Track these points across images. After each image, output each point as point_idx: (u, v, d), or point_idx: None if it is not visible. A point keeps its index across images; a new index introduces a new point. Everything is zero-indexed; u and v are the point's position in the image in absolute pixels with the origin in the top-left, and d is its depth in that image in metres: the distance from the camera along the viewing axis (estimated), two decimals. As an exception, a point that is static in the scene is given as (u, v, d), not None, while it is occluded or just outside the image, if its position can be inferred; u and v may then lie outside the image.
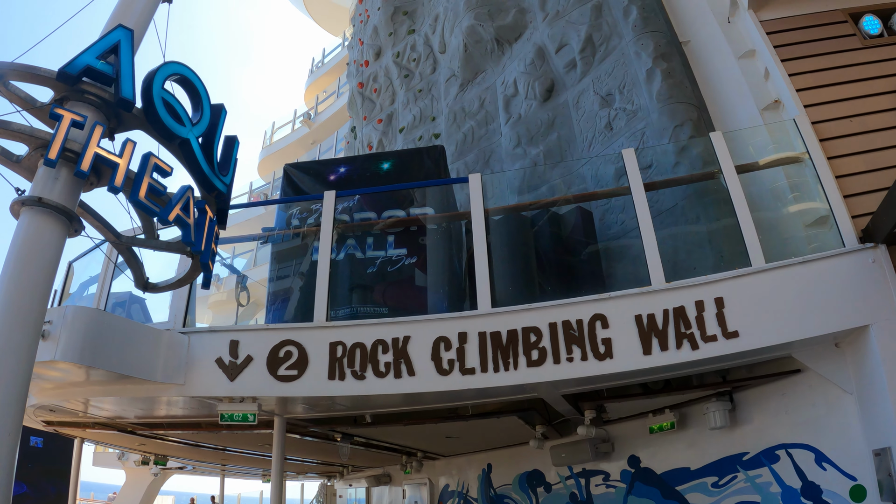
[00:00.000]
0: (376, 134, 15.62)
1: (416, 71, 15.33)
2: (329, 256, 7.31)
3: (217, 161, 5.87)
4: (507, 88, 11.62)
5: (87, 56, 5.10)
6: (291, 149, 29.74)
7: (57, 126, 4.63)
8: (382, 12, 17.06)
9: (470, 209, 7.43)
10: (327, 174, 10.02)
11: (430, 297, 7.63)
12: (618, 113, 9.12)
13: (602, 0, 10.23)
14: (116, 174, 4.74)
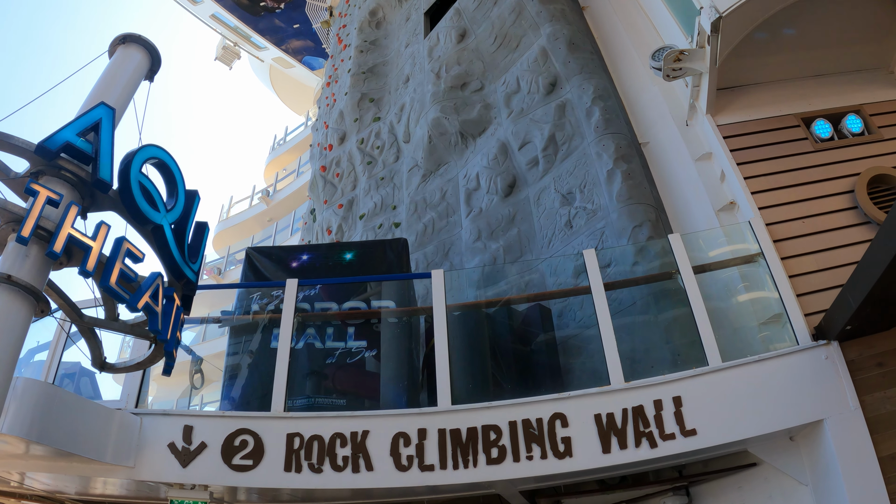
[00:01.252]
0: (336, 219, 15.80)
1: (380, 158, 15.67)
2: (289, 345, 7.36)
3: (188, 246, 5.96)
4: (470, 182, 11.94)
5: (67, 132, 5.22)
6: (248, 224, 29.92)
7: (32, 203, 4.69)
8: (349, 97, 17.51)
9: (429, 302, 7.60)
10: (289, 261, 10.12)
11: (388, 390, 7.69)
12: (578, 211, 9.45)
13: (566, 100, 10.70)
14: (89, 258, 4.80)
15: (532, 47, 11.83)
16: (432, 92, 13.63)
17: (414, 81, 15.27)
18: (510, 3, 12.64)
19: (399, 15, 18.60)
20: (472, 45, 13.54)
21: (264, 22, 27.92)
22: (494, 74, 12.81)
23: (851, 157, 7.93)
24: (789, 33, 8.50)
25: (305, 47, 28.62)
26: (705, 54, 8.19)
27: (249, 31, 28.20)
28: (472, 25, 13.79)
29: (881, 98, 8.50)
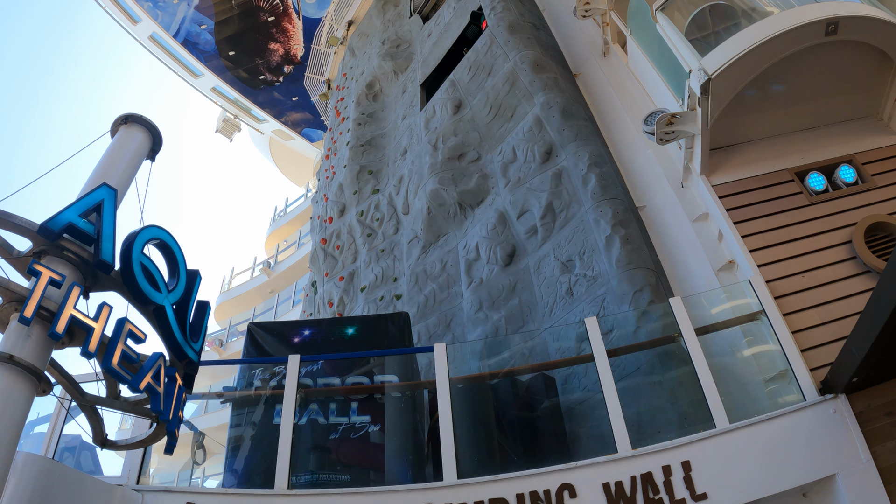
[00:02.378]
0: (337, 291, 15.93)
1: (380, 231, 15.88)
2: (292, 421, 7.42)
3: (189, 325, 6.07)
4: (469, 252, 12.11)
5: (70, 213, 5.39)
6: (249, 296, 30.18)
7: (34, 283, 4.83)
8: (348, 170, 17.84)
9: (432, 375, 7.67)
10: (291, 336, 10.24)
11: (393, 464, 7.70)
12: (578, 279, 9.58)
13: (562, 168, 10.95)
14: (91, 339, 4.91)
15: (527, 116, 12.15)
16: (430, 163, 13.93)
17: (412, 153, 15.60)
18: (504, 74, 13.01)
19: (396, 88, 19.09)
20: (468, 115, 13.89)
21: (264, 95, 28.62)
22: (491, 144, 13.11)
23: (847, 208, 8.13)
24: (778, 89, 8.79)
25: (304, 120, 29.26)
26: (697, 116, 8.46)
27: (249, 104, 28.88)
28: (467, 96, 14.17)
29: (872, 146, 8.76)
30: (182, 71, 27.87)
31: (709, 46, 8.53)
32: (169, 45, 26.49)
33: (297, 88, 27.82)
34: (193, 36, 26.08)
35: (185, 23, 25.71)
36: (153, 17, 25.27)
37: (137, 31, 26.12)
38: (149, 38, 26.34)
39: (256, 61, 27.32)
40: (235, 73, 27.70)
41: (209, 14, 25.53)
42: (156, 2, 24.95)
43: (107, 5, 25.53)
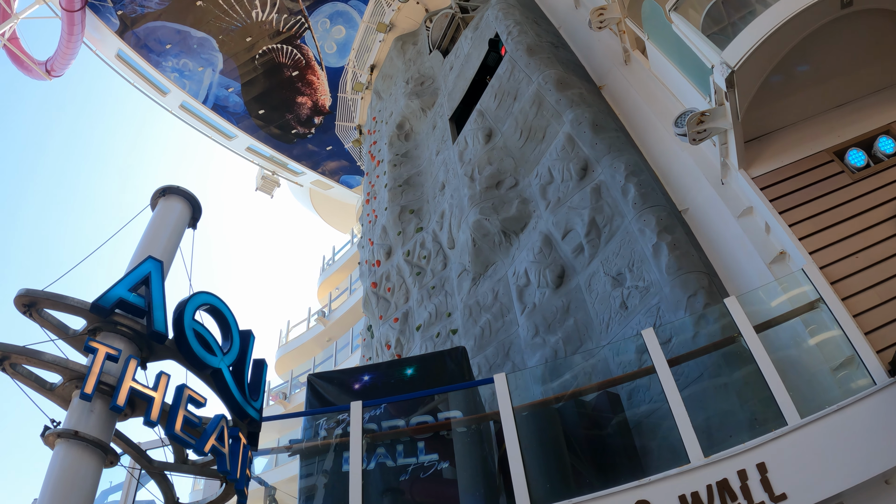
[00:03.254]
0: (393, 333, 16.13)
1: (428, 268, 16.06)
2: (360, 468, 7.59)
3: (248, 385, 6.27)
4: (519, 279, 12.21)
5: (120, 289, 5.67)
6: (308, 346, 30.64)
7: (92, 359, 5.10)
8: (389, 212, 18.13)
9: (496, 406, 7.76)
10: (352, 383, 10.44)
11: (466, 499, 7.79)
12: (630, 291, 9.60)
13: (599, 182, 11.01)
14: (152, 409, 5.15)
15: (558, 136, 12.27)
16: (469, 195, 14.12)
17: (450, 187, 15.81)
18: (529, 97, 13.17)
19: (425, 125, 19.38)
20: (500, 143, 14.07)
21: (298, 148, 29.26)
22: (526, 168, 13.24)
23: (891, 180, 8.06)
24: (804, 70, 8.77)
25: (341, 167, 29.78)
26: (726, 111, 8.48)
27: (285, 159, 29.54)
28: (496, 124, 14.35)
29: (909, 112, 8.63)
30: (216, 135, 28.72)
31: (727, 39, 8.55)
32: (200, 112, 27.33)
33: (330, 138, 28.37)
34: (222, 99, 26.86)
35: (213, 88, 26.52)
36: (181, 86, 26.13)
37: (168, 102, 27.04)
38: (179, 108, 27.23)
39: (286, 116, 27.97)
40: (268, 130, 28.39)
41: (234, 77, 26.29)
42: (181, 72, 25.78)
43: (135, 81, 26.51)
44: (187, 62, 25.54)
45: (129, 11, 23.65)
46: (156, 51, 24.97)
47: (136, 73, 25.76)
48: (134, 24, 24.01)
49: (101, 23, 23.39)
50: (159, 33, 24.45)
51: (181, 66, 25.62)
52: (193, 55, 25.42)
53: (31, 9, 24.53)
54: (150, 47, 24.76)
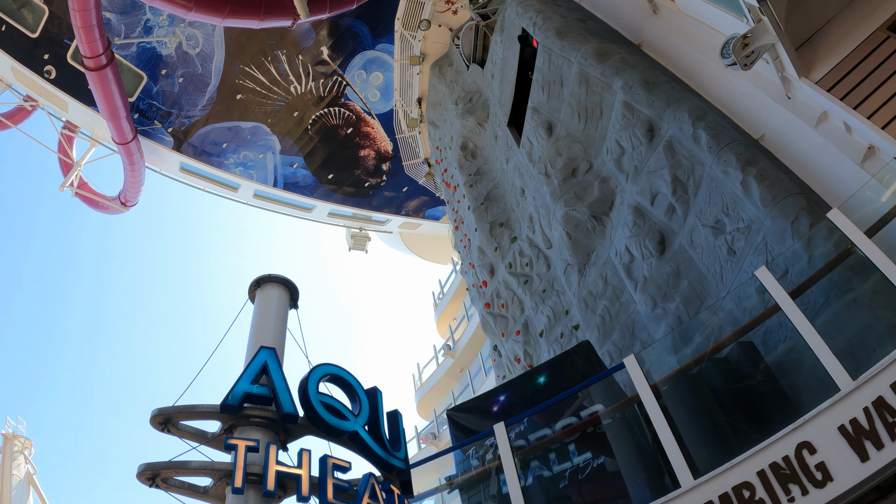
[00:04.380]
0: (519, 345, 16.29)
1: (533, 273, 16.18)
2: (518, 486, 7.75)
3: (387, 439, 6.58)
4: (622, 257, 12.19)
5: (243, 384, 6.10)
6: (443, 382, 31.16)
7: (234, 455, 5.51)
8: (480, 232, 18.38)
9: (635, 390, 7.79)
10: (490, 407, 10.66)
11: (632, 488, 7.82)
12: (733, 235, 9.48)
13: (669, 138, 10.93)
14: (301, 485, 5.50)
15: (614, 106, 12.25)
16: (549, 192, 14.22)
17: (529, 190, 15.93)
18: (575, 78, 13.22)
19: (487, 138, 19.58)
20: (562, 132, 14.13)
21: (376, 199, 29.91)
22: (595, 148, 13.25)
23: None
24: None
25: (422, 203, 30.25)
26: (766, 26, 8.35)
27: (367, 212, 30.23)
28: (552, 115, 14.43)
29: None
30: (295, 211, 29.71)
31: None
32: (274, 195, 28.34)
33: (402, 179, 28.90)
34: (290, 177, 27.79)
35: (278, 169, 27.49)
36: (248, 178, 27.20)
37: (241, 196, 28.20)
38: (254, 198, 28.32)
39: (355, 172, 28.67)
40: (342, 191, 29.15)
41: (294, 153, 27.18)
42: (245, 164, 26.84)
43: (205, 186, 27.80)
44: (247, 154, 26.59)
45: (178, 126, 24.86)
46: (214, 153, 26.11)
47: (203, 178, 27.00)
48: (187, 136, 25.22)
49: (156, 145, 24.67)
50: (212, 136, 25.59)
51: (243, 159, 26.68)
52: (250, 145, 26.46)
53: (90, 152, 26.13)
54: (208, 152, 25.92)
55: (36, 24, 21.16)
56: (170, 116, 24.51)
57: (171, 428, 6.05)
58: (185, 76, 24.00)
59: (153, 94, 23.88)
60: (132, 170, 24.09)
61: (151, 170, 26.13)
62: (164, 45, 22.94)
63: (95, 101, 21.15)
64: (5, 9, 20.83)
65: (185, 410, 6.03)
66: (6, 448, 34.00)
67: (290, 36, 24.37)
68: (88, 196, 27.08)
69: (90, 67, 19.42)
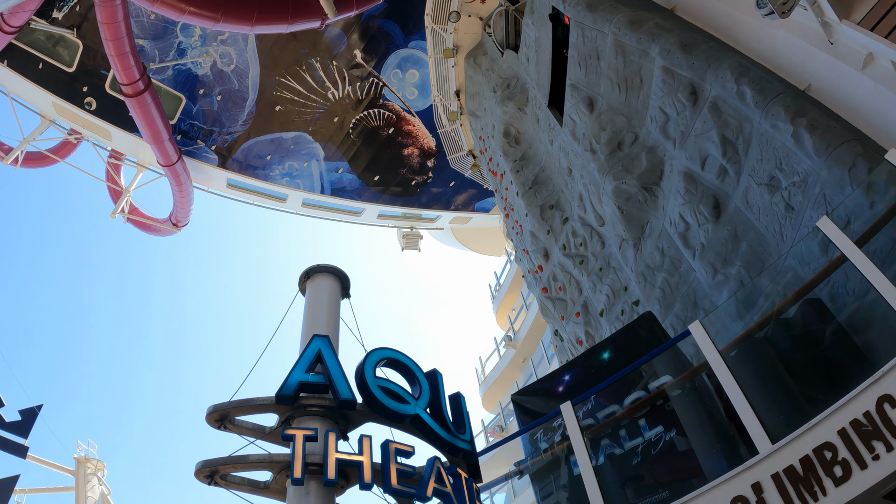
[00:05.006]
0: (580, 327, 16.08)
1: (588, 253, 15.96)
2: (590, 465, 7.58)
3: (451, 422, 6.47)
4: (677, 226, 11.92)
5: (297, 373, 6.04)
6: (507, 373, 31.01)
7: (292, 446, 5.42)
8: (531, 216, 18.21)
9: (702, 357, 7.57)
10: (554, 388, 10.51)
11: (706, 460, 7.62)
12: (789, 190, 9.18)
13: (714, 98, 10.64)
14: (363, 472, 5.42)
15: (654, 73, 12.00)
16: (597, 168, 14.01)
17: (576, 169, 15.73)
18: (610, 50, 12.99)
19: (528, 122, 19.40)
20: (603, 106, 13.90)
21: (424, 196, 29.91)
22: (639, 119, 13.00)
23: None
24: None
25: (471, 196, 30.15)
26: (797, -34, 8.03)
27: (416, 211, 30.28)
28: (592, 90, 14.20)
29: None
30: (345, 216, 29.91)
31: None
32: (322, 202, 28.57)
33: (449, 174, 28.86)
34: (336, 182, 27.98)
35: (324, 176, 27.70)
36: (295, 187, 27.50)
37: (290, 206, 28.51)
38: (303, 206, 28.61)
39: (401, 172, 28.72)
40: (390, 192, 29.24)
41: (338, 158, 27.34)
42: (290, 174, 27.10)
43: (254, 199, 28.18)
44: (292, 164, 26.84)
45: (221, 143, 25.23)
46: (259, 166, 26.42)
47: (251, 192, 27.37)
48: (230, 152, 25.57)
49: (201, 163, 25.09)
50: (256, 150, 25.90)
51: (288, 170, 26.94)
52: (294, 155, 26.70)
53: (138, 178, 26.65)
54: (253, 165, 26.24)
55: (72, 58, 21.65)
56: (212, 134, 24.87)
57: (228, 424, 6.05)
58: (223, 93, 24.32)
59: (193, 115, 24.25)
60: (180, 191, 24.51)
61: (199, 188, 26.54)
62: (198, 66, 23.27)
63: (137, 126, 21.56)
64: (41, 47, 21.35)
65: (240, 405, 6.01)
66: (80, 472, 34.92)
67: (323, 42, 24.50)
68: (140, 220, 27.65)
69: (129, 94, 19.78)
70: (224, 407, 5.98)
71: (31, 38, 21.24)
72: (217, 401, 6.16)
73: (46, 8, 20.63)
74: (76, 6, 21.15)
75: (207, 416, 5.95)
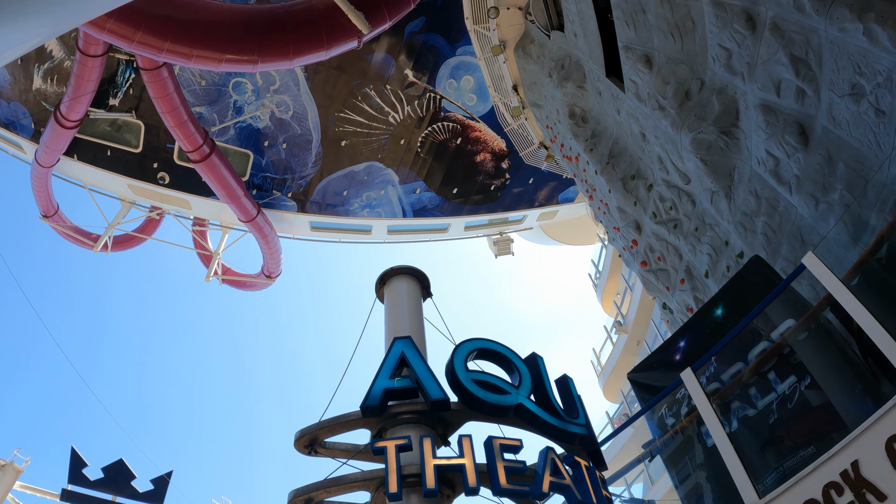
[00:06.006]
0: (687, 294, 15.32)
1: (680, 215, 15.23)
2: (724, 433, 6.94)
3: (561, 408, 5.96)
4: (766, 163, 11.16)
5: (381, 381, 5.64)
6: (623, 359, 30.38)
7: (385, 459, 4.99)
8: (614, 192, 17.58)
9: (822, 293, 6.91)
10: (671, 357, 9.89)
11: (845, 406, 6.90)
12: (876, 94, 8.41)
13: (772, 18, 9.92)
14: (467, 476, 4.95)
15: (704, 11, 11.33)
16: (669, 124, 13.37)
17: (649, 132, 15.09)
18: (654, 0, 12.34)
19: (591, 98, 18.81)
20: (661, 60, 13.26)
21: (505, 199, 29.50)
22: (700, 62, 12.30)
23: None
24: None
25: (552, 189, 29.58)
26: None
27: (502, 215, 29.88)
28: (646, 47, 13.57)
29: None
30: (432, 234, 29.80)
31: None
32: (407, 226, 28.54)
33: (525, 171, 28.40)
34: (416, 203, 27.88)
35: (403, 200, 27.66)
36: (377, 216, 27.59)
37: (375, 236, 28.60)
38: (388, 234, 28.60)
39: (478, 179, 28.39)
40: (471, 202, 28.96)
41: (412, 179, 27.25)
42: (370, 205, 27.16)
43: (340, 237, 28.41)
44: (369, 194, 26.90)
45: (295, 189, 25.51)
46: (338, 203, 26.59)
47: (335, 231, 27.57)
48: (307, 196, 25.82)
49: (281, 212, 25.43)
50: (331, 187, 26.08)
51: (367, 201, 27.02)
52: (370, 185, 26.75)
53: (224, 239, 27.19)
54: (332, 203, 26.43)
55: (137, 139, 22.30)
56: (286, 182, 25.15)
57: (319, 449, 5.72)
58: (288, 141, 24.58)
59: (263, 167, 24.59)
60: (266, 243, 24.85)
61: (284, 237, 26.88)
62: (258, 119, 23.60)
63: (212, 189, 21.93)
64: (105, 136, 22.09)
65: (326, 425, 5.68)
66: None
67: (372, 70, 24.50)
68: (235, 279, 28.17)
69: (196, 160, 20.15)
70: (311, 430, 5.67)
71: (95, 129, 21.99)
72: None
73: (102, 98, 21.29)
74: (129, 90, 21.78)
75: (296, 443, 5.65)
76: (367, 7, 17.25)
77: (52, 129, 20.77)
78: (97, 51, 18.85)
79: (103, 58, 19.14)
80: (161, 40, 15.38)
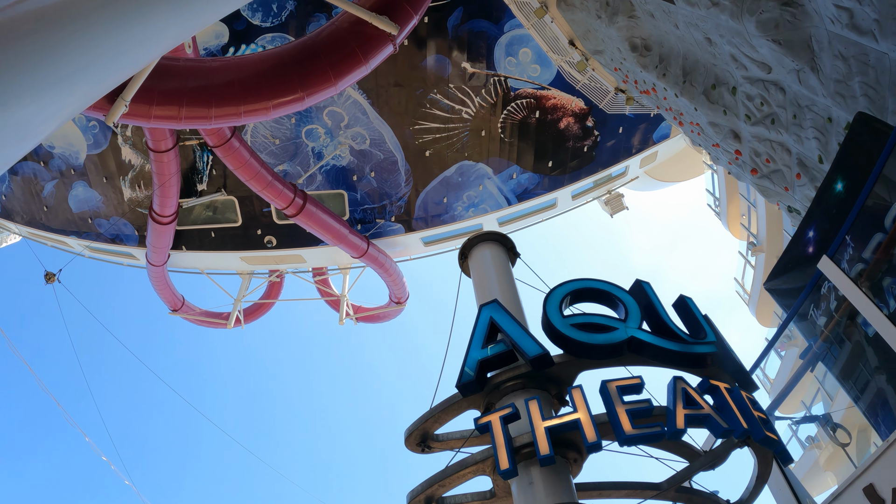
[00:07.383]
0: (807, 188, 14.06)
1: (773, 108, 14.06)
2: (883, 317, 5.98)
3: (683, 332, 5.27)
4: (840, 18, 10.11)
5: (474, 352, 5.16)
6: (768, 279, 28.31)
7: (492, 435, 4.44)
8: (701, 108, 16.74)
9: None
10: (803, 252, 8.92)
11: None
12: None
13: None
14: (584, 431, 4.35)
15: None
16: (729, 15, 12.49)
17: (712, 33, 14.16)
18: None
19: (645, 23, 17.87)
20: (696, -46, 12.23)
21: (602, 155, 28.49)
22: (736, -59, 11.23)
23: None
24: None
25: (645, 131, 28.30)
26: None
27: (604, 173, 28.86)
28: (676, -53, 12.57)
29: None
30: (544, 213, 29.09)
31: None
32: (515, 212, 28.00)
33: (612, 122, 27.35)
34: (517, 188, 27.27)
35: (503, 189, 27.16)
36: (483, 213, 27.27)
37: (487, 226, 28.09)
38: (499, 226, 28.08)
39: (568, 146, 27.51)
40: (569, 170, 28.12)
41: (504, 166, 26.70)
42: (474, 204, 26.81)
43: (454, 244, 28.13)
44: (468, 194, 26.51)
45: (397, 211, 25.43)
46: (441, 212, 26.33)
47: (447, 239, 27.27)
48: (410, 215, 25.71)
49: (391, 238, 25.38)
50: (430, 199, 25.87)
51: (468, 201, 26.64)
52: (466, 185, 26.37)
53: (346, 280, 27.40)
54: (436, 214, 26.20)
55: (235, 214, 22.81)
56: (385, 208, 25.11)
57: (432, 444, 5.22)
58: (374, 168, 24.53)
59: (360, 200, 24.62)
60: (385, 271, 24.87)
61: (402, 261, 26.84)
62: (339, 158, 23.65)
63: (318, 237, 22.07)
64: (206, 220, 22.79)
65: (430, 415, 5.17)
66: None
67: (429, 75, 24.22)
68: (368, 315, 28.30)
69: (293, 214, 20.34)
70: (417, 424, 5.22)
71: (193, 217, 22.65)
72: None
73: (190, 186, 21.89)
74: (212, 171, 22.28)
75: (407, 442, 5.20)
76: (390, 9, 16.87)
77: (153, 230, 21.59)
78: (167, 145, 19.42)
79: (175, 150, 19.67)
80: (206, 108, 15.53)
